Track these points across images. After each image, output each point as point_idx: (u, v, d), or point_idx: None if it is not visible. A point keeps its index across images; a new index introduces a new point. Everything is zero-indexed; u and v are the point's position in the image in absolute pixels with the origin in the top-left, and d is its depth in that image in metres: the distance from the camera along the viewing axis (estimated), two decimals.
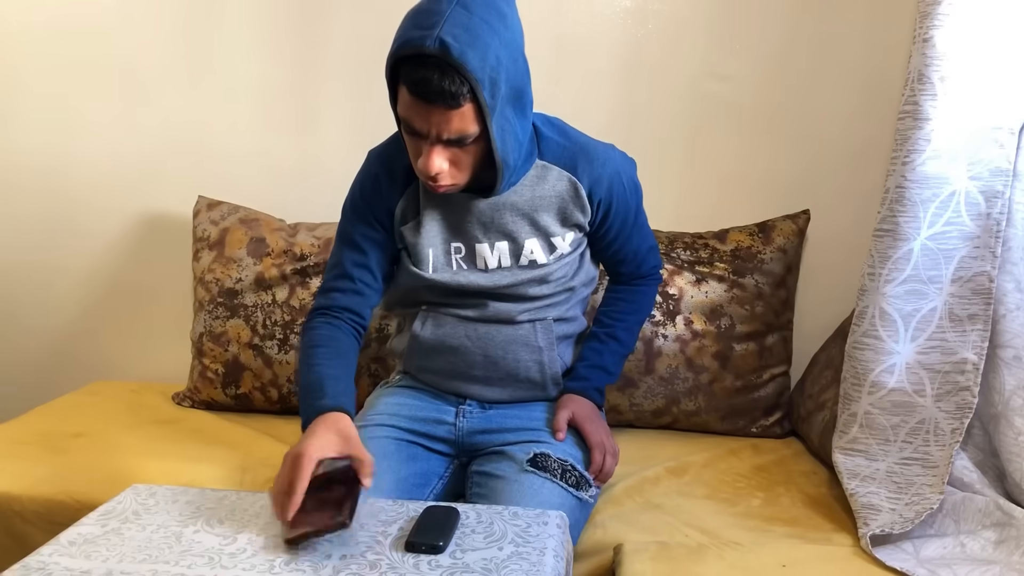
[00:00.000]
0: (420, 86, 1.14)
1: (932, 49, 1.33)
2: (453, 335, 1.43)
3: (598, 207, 1.41)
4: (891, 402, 1.45)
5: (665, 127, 2.01)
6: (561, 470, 1.34)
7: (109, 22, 2.10)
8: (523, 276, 1.39)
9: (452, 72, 1.13)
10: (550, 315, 1.44)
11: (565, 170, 1.38)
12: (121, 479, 1.55)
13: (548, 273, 1.40)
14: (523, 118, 1.27)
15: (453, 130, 1.19)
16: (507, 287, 1.40)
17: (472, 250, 1.39)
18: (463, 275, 1.39)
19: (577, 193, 1.38)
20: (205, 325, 1.94)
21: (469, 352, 1.43)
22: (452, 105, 1.15)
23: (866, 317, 1.46)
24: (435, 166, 1.22)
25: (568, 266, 1.43)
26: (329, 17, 2.04)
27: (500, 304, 1.41)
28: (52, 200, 2.21)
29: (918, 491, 1.40)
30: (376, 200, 1.42)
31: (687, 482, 1.61)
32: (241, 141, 2.13)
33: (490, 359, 1.43)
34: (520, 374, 1.45)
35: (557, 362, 1.47)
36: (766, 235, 1.87)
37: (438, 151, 1.21)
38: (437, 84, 1.13)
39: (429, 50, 1.12)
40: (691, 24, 1.96)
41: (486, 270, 1.40)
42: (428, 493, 1.41)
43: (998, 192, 1.38)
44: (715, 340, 1.82)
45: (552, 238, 1.39)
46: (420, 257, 1.40)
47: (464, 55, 1.12)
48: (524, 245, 1.39)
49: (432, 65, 1.13)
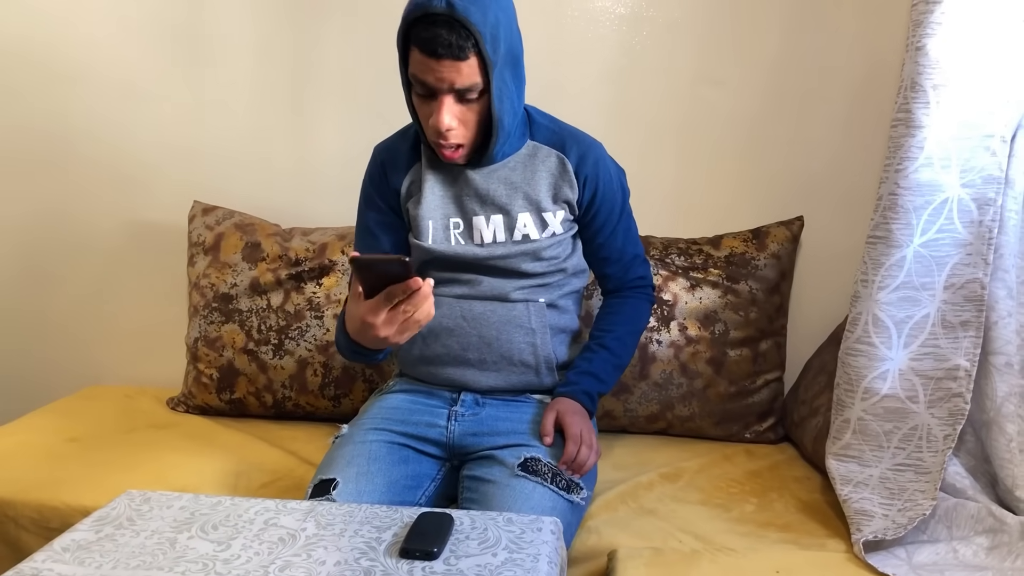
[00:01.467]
0: (430, 43, 1.26)
1: (925, 57, 1.34)
2: (450, 316, 1.48)
3: (584, 184, 1.48)
4: (884, 408, 1.46)
5: (660, 133, 2.01)
6: (552, 474, 1.35)
7: (104, 27, 2.10)
8: (516, 249, 1.46)
9: (458, 26, 1.25)
10: (542, 298, 1.49)
11: (554, 149, 1.48)
12: (115, 484, 1.55)
13: (540, 248, 1.46)
14: (518, 85, 1.38)
15: (461, 81, 1.29)
16: (501, 258, 1.46)
17: (469, 224, 1.47)
18: (460, 247, 1.46)
19: (565, 169, 1.47)
20: (200, 330, 1.94)
21: (465, 333, 1.48)
22: (460, 56, 1.26)
23: (859, 323, 1.46)
24: (446, 121, 1.32)
25: (560, 247, 1.49)
26: (324, 23, 2.04)
27: (494, 280, 1.47)
28: (47, 203, 2.21)
29: (911, 497, 1.40)
30: (383, 185, 1.52)
31: (681, 487, 1.61)
32: (236, 146, 2.13)
33: (484, 340, 1.47)
34: (514, 356, 1.48)
35: (550, 346, 1.49)
36: (760, 241, 1.88)
37: (448, 105, 1.32)
38: (445, 39, 1.25)
39: (437, 8, 1.24)
40: (685, 30, 1.97)
41: (482, 244, 1.46)
42: (420, 495, 1.41)
43: (990, 199, 1.38)
44: (709, 346, 1.82)
45: (544, 213, 1.46)
46: (420, 228, 1.47)
47: (468, 11, 1.24)
48: (517, 219, 1.46)
49: (441, 22, 1.25)
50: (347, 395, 1.90)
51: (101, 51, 2.11)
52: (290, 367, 1.89)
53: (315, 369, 1.89)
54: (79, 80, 2.14)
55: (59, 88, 2.15)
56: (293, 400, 1.91)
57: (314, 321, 1.88)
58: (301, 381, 1.89)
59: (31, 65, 2.14)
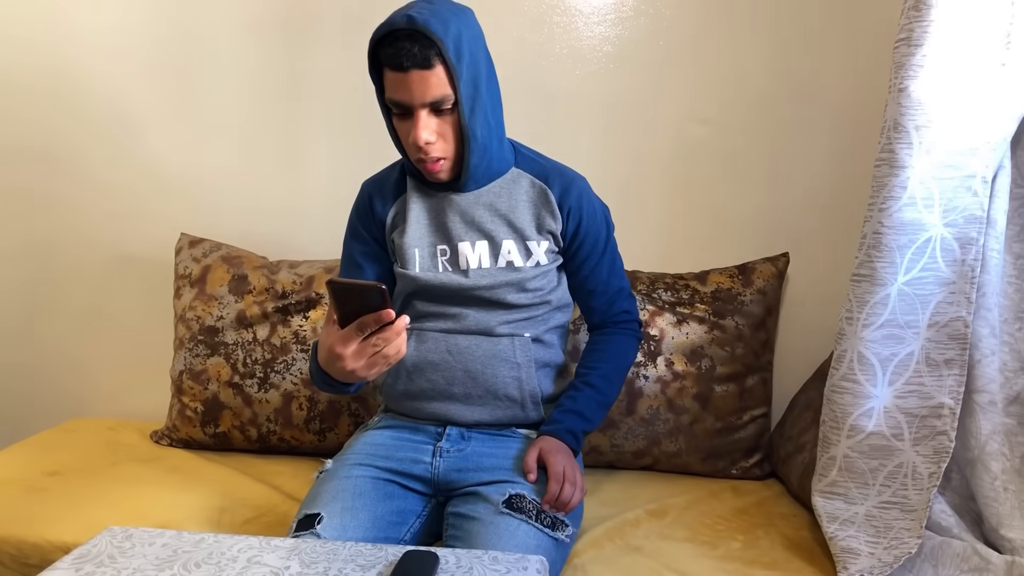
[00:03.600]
0: (396, 57, 1.30)
1: (907, 99, 1.36)
2: (435, 350, 1.48)
3: (568, 216, 1.49)
4: (869, 446, 1.46)
5: (646, 170, 2.03)
6: (536, 511, 1.34)
7: (95, 61, 2.11)
8: (502, 278, 1.46)
9: (420, 36, 1.29)
10: (527, 332, 1.49)
11: (538, 179, 1.50)
12: (96, 520, 1.53)
13: (525, 279, 1.47)
14: (492, 101, 1.41)
15: (432, 93, 1.32)
16: (487, 288, 1.46)
17: (456, 251, 1.47)
18: (446, 275, 1.47)
19: (548, 199, 1.48)
20: (185, 363, 1.93)
21: (450, 368, 1.48)
22: (425, 65, 1.30)
23: (844, 361, 1.47)
24: (423, 135, 1.34)
25: (545, 278, 1.50)
26: (312, 57, 2.06)
27: (480, 314, 1.48)
28: (33, 234, 2.20)
29: (897, 535, 1.40)
30: (369, 217, 1.54)
31: (667, 524, 1.61)
32: (224, 179, 2.13)
33: (470, 374, 1.47)
34: (499, 390, 1.48)
35: (535, 380, 1.49)
36: (746, 277, 1.89)
37: (423, 120, 1.34)
38: (409, 50, 1.29)
39: (399, 24, 1.29)
40: (672, 69, 1.99)
41: (467, 271, 1.47)
42: (405, 532, 1.40)
43: (972, 239, 1.40)
44: (696, 381, 1.82)
45: (528, 242, 1.48)
46: (407, 258, 1.48)
47: (428, 22, 1.29)
48: (502, 245, 1.47)
49: (403, 36, 1.29)
50: (332, 429, 1.89)
51: (91, 85, 2.12)
52: (275, 401, 1.88)
53: (300, 403, 1.88)
54: (68, 112, 2.14)
55: (48, 119, 2.15)
56: (278, 434, 1.90)
57: (300, 355, 1.88)
58: (286, 415, 1.88)
59: (20, 97, 2.15)
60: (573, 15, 2.00)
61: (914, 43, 1.35)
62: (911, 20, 1.35)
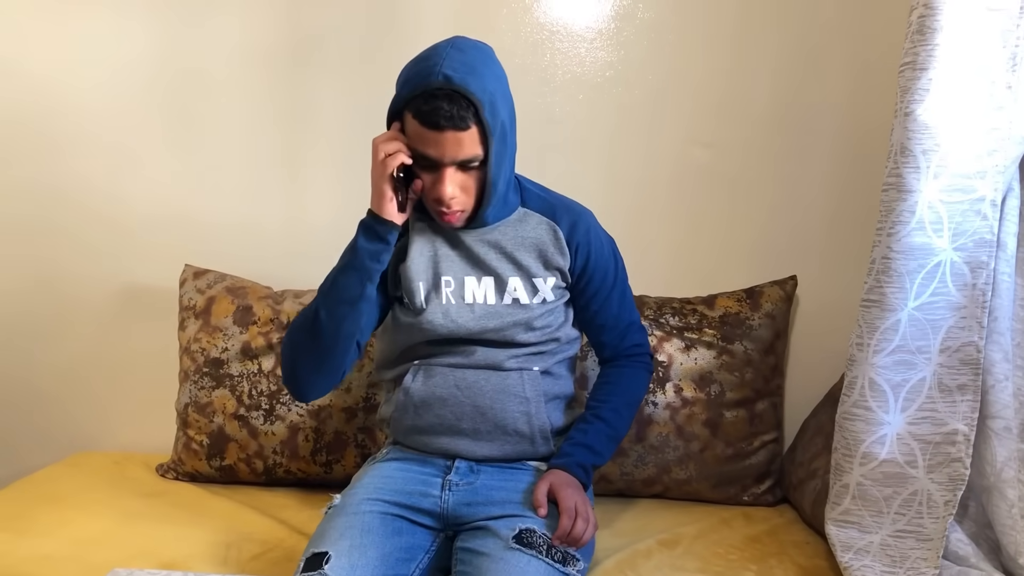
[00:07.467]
0: (431, 115, 1.28)
1: (914, 123, 1.35)
2: (443, 385, 1.47)
3: (576, 252, 1.48)
4: (883, 473, 1.44)
5: (652, 194, 2.02)
6: (547, 546, 1.32)
7: (97, 91, 2.11)
8: (509, 318, 1.45)
9: (458, 97, 1.28)
10: (536, 366, 1.48)
11: (545, 216, 1.49)
12: (102, 562, 1.51)
13: (532, 318, 1.46)
14: (512, 151, 1.41)
15: (464, 152, 1.31)
16: (495, 330, 1.45)
17: (461, 283, 1.46)
18: (453, 312, 1.45)
19: (556, 236, 1.47)
20: (190, 395, 1.92)
21: (458, 403, 1.46)
22: (461, 127, 1.29)
23: (855, 387, 1.45)
24: (449, 191, 1.34)
25: (552, 315, 1.49)
26: (315, 86, 2.06)
27: (488, 349, 1.47)
28: (37, 267, 2.20)
29: (913, 565, 1.38)
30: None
31: (679, 555, 1.58)
32: (228, 209, 2.13)
33: (479, 409, 1.46)
34: (508, 425, 1.46)
35: (544, 415, 1.48)
36: (754, 301, 1.88)
37: (450, 175, 1.34)
38: (447, 110, 1.27)
39: (436, 83, 1.27)
40: (676, 93, 1.98)
41: (473, 306, 1.45)
42: (414, 568, 1.38)
43: (983, 263, 1.38)
44: (705, 407, 1.81)
45: (534, 279, 1.47)
46: (411, 291, 1.46)
47: (466, 81, 1.28)
48: (508, 282, 1.46)
49: (441, 95, 1.27)
50: (339, 461, 1.87)
51: (94, 116, 2.12)
52: (281, 433, 1.87)
53: (306, 434, 1.86)
54: (71, 144, 2.14)
55: (51, 152, 2.15)
56: (284, 466, 1.88)
57: None
58: (292, 447, 1.87)
59: (23, 131, 2.15)
60: (575, 41, 2.00)
61: (919, 67, 1.34)
62: (916, 44, 1.34)
